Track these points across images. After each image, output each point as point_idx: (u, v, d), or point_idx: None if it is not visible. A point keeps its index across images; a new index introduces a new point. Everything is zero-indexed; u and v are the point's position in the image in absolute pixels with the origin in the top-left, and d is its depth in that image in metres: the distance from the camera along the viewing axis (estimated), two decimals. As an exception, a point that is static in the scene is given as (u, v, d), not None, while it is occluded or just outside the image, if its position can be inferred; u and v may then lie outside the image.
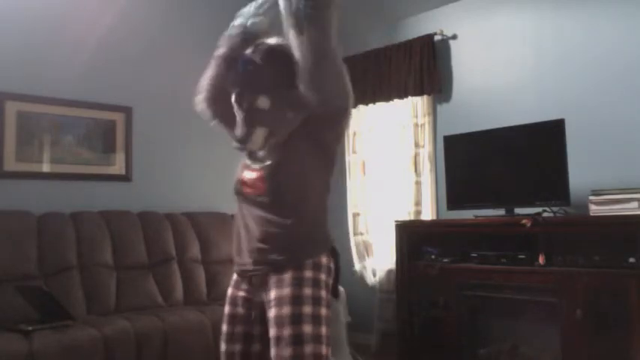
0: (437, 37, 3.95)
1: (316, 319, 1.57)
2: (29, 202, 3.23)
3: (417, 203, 3.99)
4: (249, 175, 1.68)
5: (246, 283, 1.70)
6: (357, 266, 4.31)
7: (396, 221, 3.71)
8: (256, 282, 1.66)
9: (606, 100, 3.24)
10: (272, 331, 1.57)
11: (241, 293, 1.71)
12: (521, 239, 3.09)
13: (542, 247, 2.97)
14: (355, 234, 4.37)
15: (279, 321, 1.56)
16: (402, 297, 3.56)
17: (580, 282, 2.80)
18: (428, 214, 3.95)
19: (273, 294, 1.60)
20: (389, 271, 4.04)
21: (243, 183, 1.69)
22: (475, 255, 3.26)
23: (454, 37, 3.95)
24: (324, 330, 1.58)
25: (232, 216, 4.08)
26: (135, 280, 3.31)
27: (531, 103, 3.51)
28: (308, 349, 1.53)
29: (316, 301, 1.59)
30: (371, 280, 4.22)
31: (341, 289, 4.07)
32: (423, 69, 3.94)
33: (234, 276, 1.76)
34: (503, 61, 3.70)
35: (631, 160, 3.11)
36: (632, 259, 2.69)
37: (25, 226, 3.07)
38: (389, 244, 3.99)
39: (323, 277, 1.63)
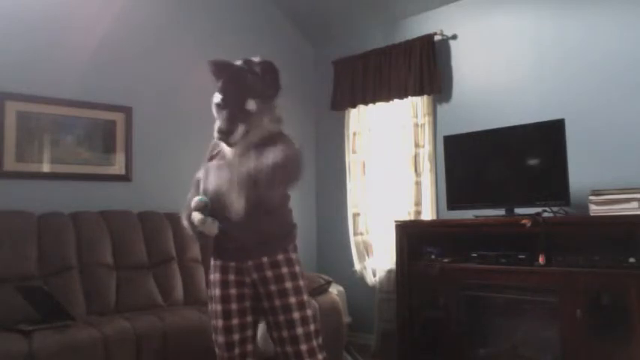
0: (437, 37, 3.95)
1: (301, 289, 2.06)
2: (29, 202, 3.22)
3: (417, 203, 3.98)
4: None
5: (236, 266, 2.06)
6: (357, 266, 4.31)
7: (396, 221, 3.71)
8: (252, 265, 2.04)
9: (606, 100, 3.24)
10: (277, 302, 2.00)
11: (232, 277, 2.08)
12: (521, 239, 3.09)
13: (542, 247, 2.97)
14: (355, 234, 4.37)
15: (284, 293, 2.00)
16: (402, 297, 3.56)
17: (580, 282, 2.80)
18: (428, 214, 3.95)
19: (270, 273, 2.02)
20: (389, 271, 4.04)
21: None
22: (475, 255, 3.26)
23: (454, 37, 3.95)
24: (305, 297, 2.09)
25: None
26: (135, 280, 3.31)
27: (531, 103, 3.51)
28: (309, 311, 2.05)
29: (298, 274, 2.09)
30: (371, 280, 4.22)
31: (341, 289, 4.09)
32: (423, 69, 3.94)
33: (218, 263, 2.12)
34: (504, 61, 3.70)
35: (631, 160, 3.11)
36: (632, 259, 2.70)
37: (25, 226, 3.07)
38: (389, 244, 3.99)
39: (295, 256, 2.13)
